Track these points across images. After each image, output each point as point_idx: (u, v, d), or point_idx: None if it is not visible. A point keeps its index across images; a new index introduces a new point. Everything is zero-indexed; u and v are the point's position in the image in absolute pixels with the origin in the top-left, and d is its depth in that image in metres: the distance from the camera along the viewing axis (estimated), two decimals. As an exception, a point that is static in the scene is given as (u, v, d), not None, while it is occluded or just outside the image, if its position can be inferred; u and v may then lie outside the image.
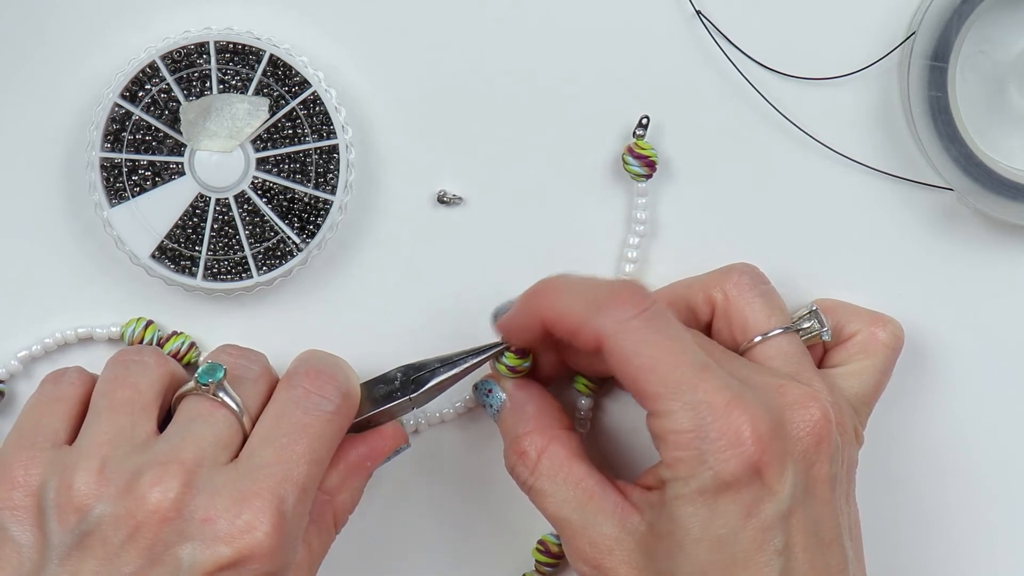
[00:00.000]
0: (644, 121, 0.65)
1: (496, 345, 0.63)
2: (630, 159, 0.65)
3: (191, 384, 0.60)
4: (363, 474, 0.63)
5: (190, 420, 0.59)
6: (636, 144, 0.65)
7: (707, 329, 0.63)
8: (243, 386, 0.60)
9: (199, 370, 0.59)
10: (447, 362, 0.63)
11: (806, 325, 0.63)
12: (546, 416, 0.62)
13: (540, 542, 0.66)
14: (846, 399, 0.62)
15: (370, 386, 0.63)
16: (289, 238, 0.64)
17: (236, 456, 0.59)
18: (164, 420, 0.61)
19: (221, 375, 0.59)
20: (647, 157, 0.65)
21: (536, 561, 0.66)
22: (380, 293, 0.66)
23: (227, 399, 0.59)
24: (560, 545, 0.65)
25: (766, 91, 0.66)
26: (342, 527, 0.63)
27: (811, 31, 0.66)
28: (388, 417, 0.63)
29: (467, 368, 0.63)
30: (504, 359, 0.63)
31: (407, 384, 0.63)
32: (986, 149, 0.65)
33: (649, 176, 0.65)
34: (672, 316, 0.59)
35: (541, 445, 0.61)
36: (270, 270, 0.64)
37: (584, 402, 0.66)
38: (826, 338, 0.63)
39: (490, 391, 0.63)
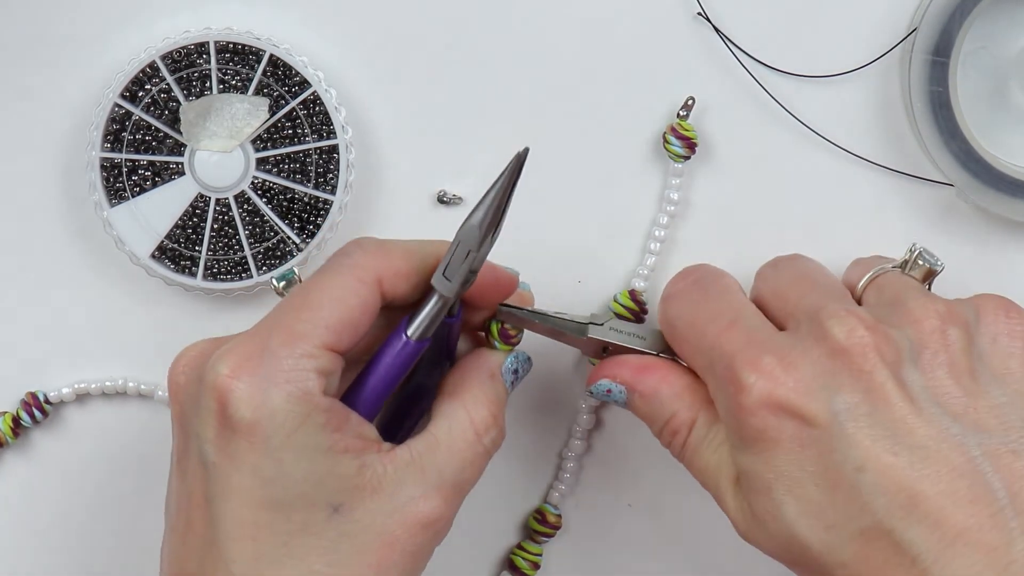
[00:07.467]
0: (689, 103, 0.65)
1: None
2: (672, 139, 0.65)
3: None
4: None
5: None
6: (679, 125, 0.65)
7: None
8: None
9: None
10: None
11: (908, 261, 0.60)
12: (690, 393, 0.60)
13: (537, 511, 0.66)
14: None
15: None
16: (289, 238, 0.64)
17: None
18: None
19: None
20: (689, 138, 0.65)
21: (533, 530, 0.66)
22: (380, 293, 0.66)
23: None
24: (558, 515, 0.66)
25: (768, 88, 0.66)
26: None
27: (813, 28, 0.66)
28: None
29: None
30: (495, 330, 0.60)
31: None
32: (986, 145, 0.64)
33: (688, 157, 0.65)
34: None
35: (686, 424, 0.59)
36: (270, 270, 0.64)
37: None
38: (938, 268, 0.60)
39: (609, 391, 0.61)
